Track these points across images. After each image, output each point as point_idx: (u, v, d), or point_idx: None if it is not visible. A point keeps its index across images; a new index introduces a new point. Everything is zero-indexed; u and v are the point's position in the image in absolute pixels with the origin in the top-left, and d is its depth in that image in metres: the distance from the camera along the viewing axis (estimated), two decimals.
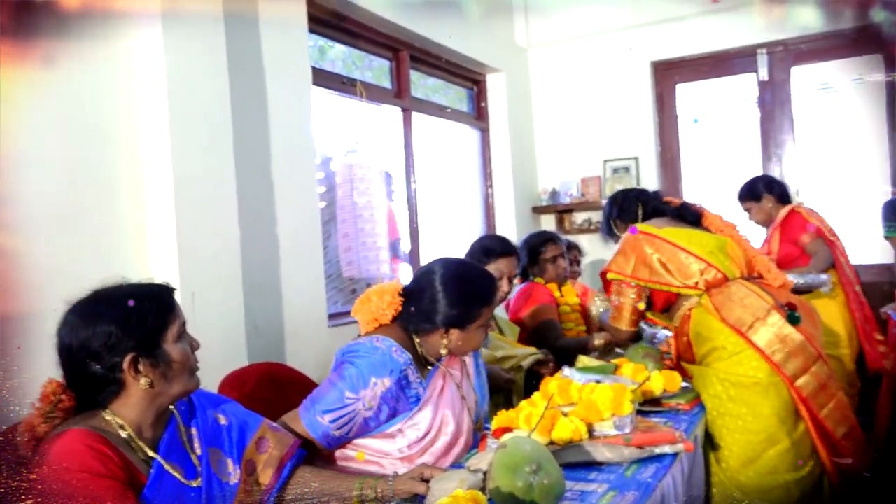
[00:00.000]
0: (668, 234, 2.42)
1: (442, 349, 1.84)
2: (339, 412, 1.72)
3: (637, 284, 2.40)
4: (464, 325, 1.84)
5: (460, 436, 1.88)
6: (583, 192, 5.17)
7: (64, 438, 1.33)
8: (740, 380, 2.19)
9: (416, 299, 1.85)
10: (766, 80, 4.71)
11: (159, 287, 1.47)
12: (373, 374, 1.74)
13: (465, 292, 1.85)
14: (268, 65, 2.83)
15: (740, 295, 2.28)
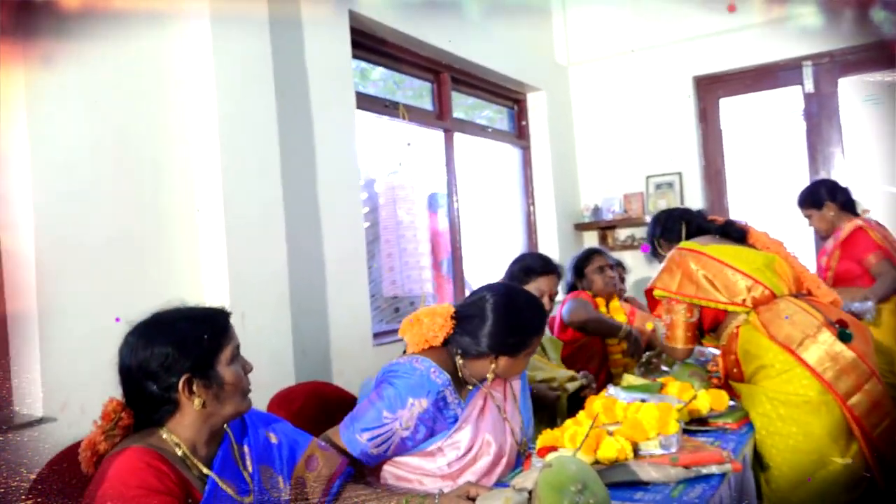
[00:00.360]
0: (713, 250, 2.40)
1: (489, 374, 1.86)
2: (377, 431, 1.76)
3: (683, 301, 2.38)
4: (514, 354, 1.86)
5: (503, 456, 1.89)
6: (625, 208, 5.14)
7: (123, 456, 1.39)
8: (790, 398, 2.16)
9: (468, 324, 1.87)
10: (812, 91, 4.65)
11: (214, 311, 1.53)
12: (410, 395, 1.77)
13: (517, 321, 1.87)
14: (313, 91, 2.91)
15: (789, 312, 2.25)
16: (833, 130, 4.61)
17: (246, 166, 2.47)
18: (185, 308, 1.52)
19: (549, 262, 2.67)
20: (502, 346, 1.84)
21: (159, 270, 2.30)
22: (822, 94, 4.63)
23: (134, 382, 1.46)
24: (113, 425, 1.46)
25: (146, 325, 1.48)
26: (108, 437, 1.46)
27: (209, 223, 2.39)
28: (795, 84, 4.70)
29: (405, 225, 4.21)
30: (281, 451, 1.64)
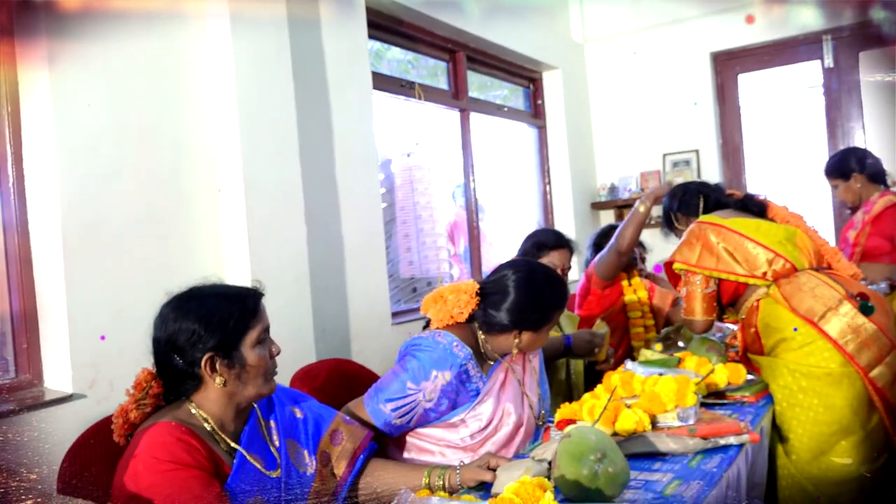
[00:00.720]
0: (734, 223, 2.38)
1: (513, 349, 1.89)
2: (401, 402, 1.79)
3: (701, 273, 2.36)
4: (537, 328, 1.89)
5: (521, 426, 1.92)
6: (642, 186, 5.13)
7: (154, 430, 1.43)
8: (811, 370, 2.16)
9: (491, 301, 1.89)
10: (831, 66, 4.59)
11: (247, 291, 1.55)
12: (434, 367, 1.81)
13: (540, 297, 1.90)
14: (329, 71, 2.92)
15: (810, 285, 2.25)
16: (853, 105, 4.56)
17: (265, 147, 2.49)
18: (220, 285, 1.55)
19: (561, 237, 2.71)
20: (525, 322, 1.87)
21: (182, 250, 2.34)
22: (841, 68, 4.57)
23: (162, 354, 1.50)
24: (144, 394, 1.50)
25: (180, 299, 1.51)
26: (139, 406, 1.50)
27: (230, 203, 2.43)
28: (815, 59, 4.65)
29: (422, 205, 4.23)
30: (307, 426, 1.67)
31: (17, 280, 2.03)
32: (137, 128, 2.22)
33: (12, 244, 2.03)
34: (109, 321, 2.09)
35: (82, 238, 2.05)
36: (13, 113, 2.03)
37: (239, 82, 2.41)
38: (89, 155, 2.09)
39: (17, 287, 2.03)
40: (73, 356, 2.02)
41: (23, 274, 2.04)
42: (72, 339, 2.02)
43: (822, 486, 2.14)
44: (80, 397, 2.02)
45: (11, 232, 2.03)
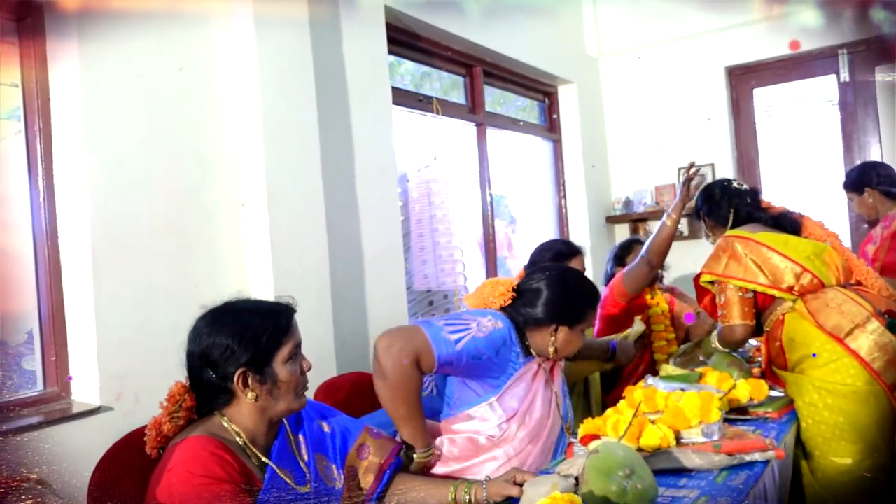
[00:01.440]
0: (762, 237, 2.38)
1: (550, 346, 1.95)
2: (456, 322, 1.85)
3: (731, 282, 2.34)
4: (573, 324, 1.97)
5: (548, 419, 1.97)
6: (657, 200, 5.13)
7: (187, 443, 1.44)
8: (837, 388, 2.16)
9: (527, 298, 1.98)
10: (847, 80, 4.59)
11: (280, 306, 1.57)
12: (490, 314, 1.92)
13: (573, 294, 2.00)
14: (350, 86, 2.95)
15: (837, 301, 2.24)
16: (869, 119, 4.56)
17: (288, 162, 2.52)
18: (254, 301, 1.57)
19: (572, 245, 2.86)
20: (561, 317, 1.95)
21: (205, 263, 2.37)
22: (857, 82, 4.58)
23: (196, 368, 1.52)
24: (177, 407, 1.52)
25: (214, 313, 1.53)
26: (172, 419, 1.51)
27: (253, 217, 2.45)
28: (830, 73, 4.66)
29: (438, 219, 4.24)
30: (334, 441, 1.68)
31: (46, 293, 2.06)
32: (165, 141, 2.26)
33: (42, 256, 2.07)
34: (135, 334, 2.12)
35: (111, 250, 2.08)
36: (44, 126, 2.06)
37: (264, 97, 2.44)
38: (118, 167, 2.12)
39: (47, 300, 2.06)
40: (101, 368, 2.04)
41: (52, 286, 2.07)
42: (99, 351, 2.04)
43: None
44: (107, 410, 2.04)
45: (41, 244, 2.07)
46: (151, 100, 2.23)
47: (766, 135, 4.97)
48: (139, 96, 2.20)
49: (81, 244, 2.05)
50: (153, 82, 2.25)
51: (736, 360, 2.51)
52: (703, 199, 2.70)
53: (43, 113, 2.06)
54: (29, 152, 2.05)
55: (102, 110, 2.09)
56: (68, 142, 2.07)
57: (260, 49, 2.42)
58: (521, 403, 1.93)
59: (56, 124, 2.08)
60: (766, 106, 4.97)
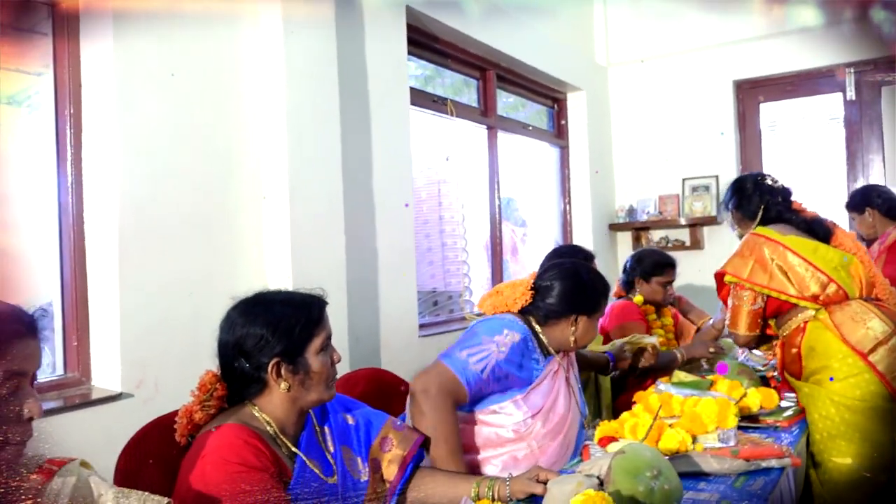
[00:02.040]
0: (792, 242, 2.35)
1: (570, 336, 2.03)
2: (477, 350, 1.89)
3: (751, 289, 2.33)
4: (591, 313, 2.05)
5: (568, 415, 2.02)
6: (660, 210, 5.18)
7: (221, 431, 1.45)
8: (856, 404, 2.16)
9: (545, 293, 2.06)
10: (853, 99, 4.65)
11: (312, 298, 1.59)
12: (505, 327, 1.96)
13: (590, 283, 2.09)
14: (371, 86, 2.98)
15: (862, 315, 2.24)
16: (873, 138, 4.62)
17: (310, 158, 2.54)
18: (286, 292, 1.59)
19: (587, 251, 2.98)
20: (579, 306, 2.03)
21: (226, 256, 2.38)
22: (863, 101, 4.64)
23: (229, 358, 1.53)
24: (209, 396, 1.53)
25: (247, 304, 1.55)
26: (203, 408, 1.52)
27: (274, 211, 2.47)
28: (836, 91, 4.72)
29: (446, 220, 4.27)
30: (358, 433, 1.70)
31: (70, 278, 2.07)
32: (192, 133, 2.28)
33: (67, 241, 2.08)
34: (158, 322, 2.13)
35: (137, 239, 2.09)
36: (75, 112, 2.07)
37: (289, 95, 2.46)
38: (148, 157, 2.14)
39: (71, 284, 2.07)
40: (123, 356, 2.05)
41: (76, 272, 2.07)
42: (122, 338, 2.05)
43: None
44: (127, 396, 2.05)
45: (67, 230, 2.08)
46: (181, 93, 2.24)
47: (770, 150, 5.02)
48: (169, 89, 2.21)
49: (109, 232, 2.06)
50: (184, 76, 2.26)
51: (746, 368, 2.54)
52: (733, 190, 2.62)
53: (74, 100, 2.07)
54: (58, 138, 2.06)
55: (134, 101, 2.11)
56: (99, 130, 2.08)
57: (287, 48, 2.44)
58: (545, 400, 1.98)
59: (87, 112, 2.09)
60: (770, 121, 5.02)
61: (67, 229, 2.07)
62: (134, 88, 2.11)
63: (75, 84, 2.07)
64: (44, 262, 2.09)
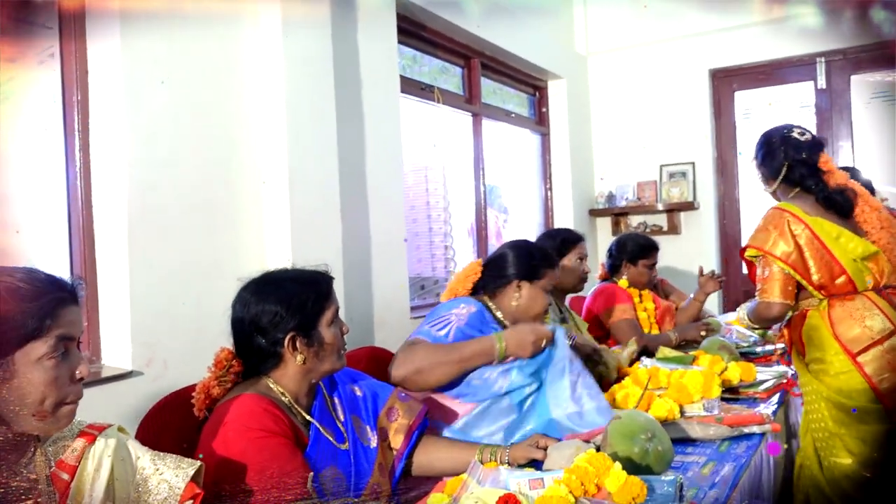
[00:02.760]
0: (815, 224, 2.26)
1: (514, 302, 2.17)
2: (438, 321, 2.05)
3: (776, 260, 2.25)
4: (532, 279, 2.18)
5: None
6: (639, 196, 5.31)
7: (241, 400, 1.53)
8: (842, 401, 2.19)
9: (494, 264, 2.25)
10: (824, 87, 4.82)
11: (320, 275, 1.68)
12: (461, 302, 2.12)
13: (533, 252, 2.26)
14: (363, 73, 3.04)
15: (863, 312, 2.20)
16: (843, 125, 4.79)
17: (308, 144, 2.61)
18: (294, 270, 1.68)
19: (577, 232, 3.07)
20: (521, 271, 2.18)
21: (228, 239, 2.44)
22: (833, 90, 4.80)
23: (245, 334, 1.61)
24: (225, 372, 1.61)
25: (258, 283, 1.63)
26: (220, 383, 1.60)
27: (274, 197, 2.53)
28: (808, 80, 4.87)
29: (432, 206, 4.35)
30: (366, 403, 1.79)
31: (80, 258, 2.13)
32: (196, 121, 2.33)
33: (76, 223, 2.13)
34: (167, 303, 2.19)
35: (146, 221, 2.15)
36: (83, 101, 2.12)
37: (288, 85, 2.52)
38: (154, 143, 2.19)
39: (80, 264, 2.13)
40: (134, 335, 2.11)
41: (86, 255, 2.13)
42: (133, 319, 2.11)
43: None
44: (137, 374, 2.12)
45: (76, 212, 2.13)
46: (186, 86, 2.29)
47: (744, 136, 5.17)
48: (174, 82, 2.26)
49: (118, 217, 2.12)
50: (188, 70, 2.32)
51: (726, 344, 2.68)
52: (759, 144, 2.50)
53: (81, 87, 2.12)
54: (66, 124, 2.11)
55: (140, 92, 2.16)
56: (107, 116, 2.13)
57: (285, 41, 2.50)
58: None
59: (94, 100, 2.14)
60: (744, 109, 5.17)
61: (76, 215, 2.13)
62: (140, 81, 2.16)
63: (82, 74, 2.12)
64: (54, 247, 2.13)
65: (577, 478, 1.36)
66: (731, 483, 1.61)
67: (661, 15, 5.12)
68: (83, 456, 1.20)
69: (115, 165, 2.12)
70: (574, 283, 2.94)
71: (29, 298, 1.08)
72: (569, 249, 2.90)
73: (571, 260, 2.92)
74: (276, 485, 1.39)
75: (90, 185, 2.14)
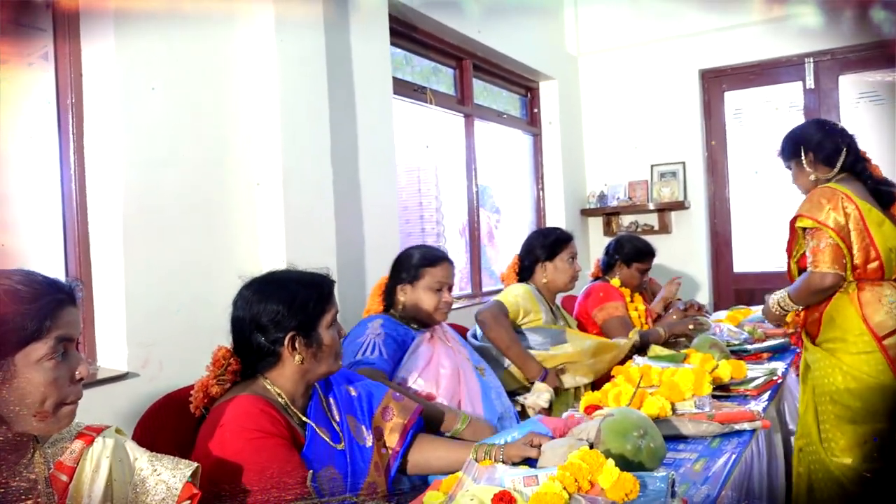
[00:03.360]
0: (864, 207, 2.30)
1: (400, 306, 2.33)
2: (362, 345, 2.16)
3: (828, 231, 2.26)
4: (413, 282, 2.32)
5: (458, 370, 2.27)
6: (630, 195, 5.34)
7: (237, 401, 1.54)
8: (863, 378, 2.25)
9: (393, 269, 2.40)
10: (812, 87, 4.86)
11: (322, 277, 1.69)
12: (366, 322, 2.25)
13: (411, 255, 2.37)
14: (356, 75, 3.06)
15: (891, 298, 2.28)
16: None
17: (302, 145, 2.62)
18: (296, 271, 1.69)
19: (562, 231, 3.07)
20: (401, 277, 2.34)
21: (223, 240, 2.45)
22: (822, 90, 4.85)
23: (244, 333, 1.62)
24: (223, 370, 1.62)
25: (260, 283, 1.64)
26: (218, 382, 1.62)
27: (268, 198, 2.54)
28: (797, 80, 4.92)
29: (425, 206, 4.37)
30: (361, 403, 1.80)
31: (74, 259, 2.13)
32: (190, 122, 2.34)
33: (71, 225, 2.13)
34: (163, 304, 2.20)
35: (141, 222, 2.16)
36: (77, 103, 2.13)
37: (282, 86, 2.53)
38: (148, 145, 2.20)
39: (75, 266, 2.13)
40: (129, 337, 2.12)
41: (81, 256, 2.13)
42: (129, 320, 2.12)
43: (848, 480, 2.25)
44: (133, 376, 2.12)
45: (71, 213, 2.13)
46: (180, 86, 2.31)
47: (734, 136, 5.21)
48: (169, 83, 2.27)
49: (113, 216, 2.12)
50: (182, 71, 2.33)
51: (717, 342, 2.70)
52: (803, 136, 2.48)
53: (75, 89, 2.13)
54: (60, 126, 2.11)
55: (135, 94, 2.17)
56: (101, 118, 2.13)
57: (279, 44, 2.51)
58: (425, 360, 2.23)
59: (88, 100, 2.14)
60: (734, 109, 5.21)
61: (71, 217, 2.13)
62: (134, 82, 2.17)
63: (76, 76, 2.12)
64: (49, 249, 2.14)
65: (571, 474, 1.37)
66: (723, 479, 1.63)
67: (652, 15, 5.15)
68: (81, 457, 1.21)
69: (109, 167, 2.12)
70: (565, 282, 2.94)
71: (28, 300, 1.09)
72: (561, 249, 2.90)
73: (563, 259, 2.92)
74: (275, 485, 1.41)
75: (85, 186, 2.14)
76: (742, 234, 5.19)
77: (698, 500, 1.51)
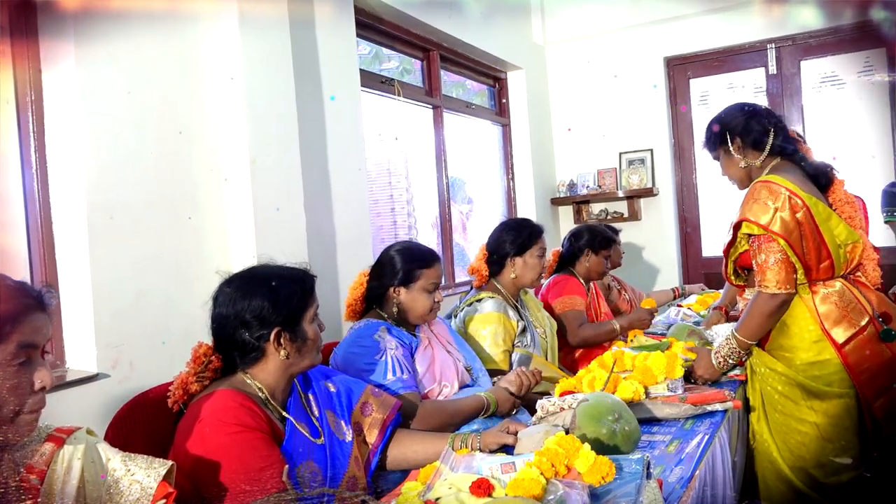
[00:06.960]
0: (810, 201, 2.08)
1: (394, 308, 2.23)
2: (384, 367, 2.06)
3: (776, 240, 2.04)
4: (408, 284, 2.23)
5: (457, 367, 2.29)
6: (599, 183, 5.38)
7: (217, 396, 1.53)
8: (821, 389, 2.09)
9: (381, 272, 2.27)
10: (775, 73, 4.93)
11: (303, 273, 1.69)
12: (370, 331, 2.13)
13: (392, 258, 2.26)
14: (323, 68, 3.03)
15: (846, 300, 2.10)
16: (794, 109, 4.91)
17: (270, 139, 2.60)
18: (278, 266, 1.68)
19: (530, 222, 2.99)
20: (399, 279, 2.22)
21: (191, 235, 2.42)
22: (784, 74, 4.92)
23: (228, 329, 1.60)
24: (203, 368, 1.60)
25: (242, 279, 1.63)
26: (199, 379, 1.59)
27: (236, 193, 2.52)
28: (761, 66, 4.99)
29: (395, 199, 4.37)
30: (340, 398, 1.80)
31: (39, 262, 2.09)
32: (155, 119, 2.30)
33: (34, 225, 2.09)
34: (131, 303, 2.17)
35: (105, 221, 2.12)
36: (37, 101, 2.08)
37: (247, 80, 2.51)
38: (112, 143, 2.16)
39: (40, 269, 2.09)
40: (98, 337, 2.09)
41: (46, 257, 2.09)
42: (96, 320, 2.08)
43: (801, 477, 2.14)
44: (104, 377, 2.09)
45: (33, 213, 2.09)
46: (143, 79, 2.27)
47: (701, 123, 5.26)
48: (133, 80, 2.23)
49: (76, 215, 2.08)
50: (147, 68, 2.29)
51: (696, 330, 2.73)
52: (727, 120, 2.29)
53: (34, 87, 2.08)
54: (20, 127, 2.07)
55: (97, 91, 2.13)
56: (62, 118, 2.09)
57: (243, 37, 2.48)
58: (428, 361, 2.22)
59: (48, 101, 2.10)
60: (700, 95, 5.26)
61: (34, 217, 2.09)
62: (96, 80, 2.13)
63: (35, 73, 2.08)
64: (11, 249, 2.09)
65: (548, 460, 1.38)
66: (696, 459, 1.65)
67: (617, 4, 5.18)
68: (52, 460, 1.19)
69: (72, 165, 2.08)
70: (533, 279, 2.85)
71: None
72: (531, 244, 2.83)
73: (533, 255, 2.84)
74: (254, 478, 1.39)
75: (48, 185, 2.10)
76: (710, 220, 5.26)
77: (673, 481, 1.53)
